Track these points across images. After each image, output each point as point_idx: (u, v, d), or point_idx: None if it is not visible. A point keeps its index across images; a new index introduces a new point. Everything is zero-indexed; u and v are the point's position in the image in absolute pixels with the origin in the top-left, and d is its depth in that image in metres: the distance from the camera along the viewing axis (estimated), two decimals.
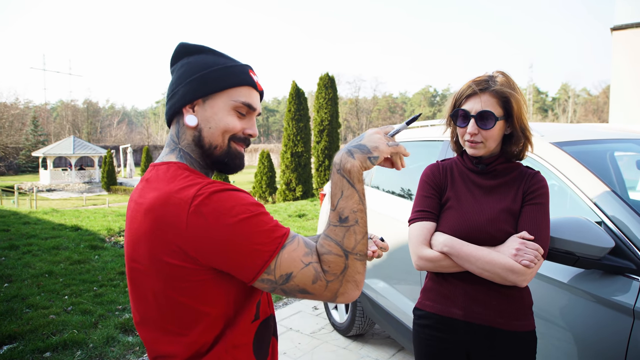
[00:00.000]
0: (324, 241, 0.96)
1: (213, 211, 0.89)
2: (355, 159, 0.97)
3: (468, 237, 1.47)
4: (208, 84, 1.03)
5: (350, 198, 0.96)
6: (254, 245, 0.90)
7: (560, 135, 2.16)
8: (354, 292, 0.96)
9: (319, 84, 19.85)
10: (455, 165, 1.62)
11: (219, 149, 1.05)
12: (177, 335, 0.98)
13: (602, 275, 1.63)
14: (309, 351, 3.51)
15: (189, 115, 1.03)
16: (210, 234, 0.89)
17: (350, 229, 0.95)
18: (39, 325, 3.83)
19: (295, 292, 0.94)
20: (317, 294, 0.95)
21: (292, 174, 19.75)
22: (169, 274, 0.94)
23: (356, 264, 0.96)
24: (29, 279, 5.22)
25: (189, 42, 1.09)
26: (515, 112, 1.44)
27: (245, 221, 0.90)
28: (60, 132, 54.34)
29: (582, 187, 1.81)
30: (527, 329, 1.49)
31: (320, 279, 0.94)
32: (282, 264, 0.92)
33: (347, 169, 0.96)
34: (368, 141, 0.99)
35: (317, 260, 0.95)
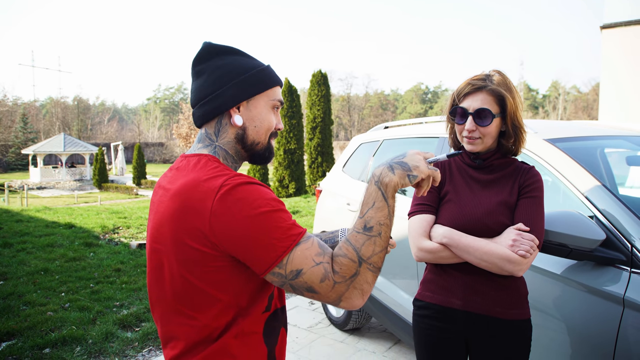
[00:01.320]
0: (343, 244, 1.00)
1: (237, 201, 0.94)
2: (395, 174, 1.01)
3: (466, 229, 1.54)
4: (253, 86, 1.10)
5: (381, 210, 1.00)
6: (270, 239, 0.94)
7: (553, 132, 2.23)
8: (358, 300, 0.98)
9: (312, 80, 19.85)
10: (454, 160, 1.68)
11: (260, 145, 1.15)
12: (189, 318, 1.03)
13: (593, 267, 1.70)
14: (306, 345, 3.57)
15: (237, 116, 1.10)
16: (232, 223, 0.94)
17: (372, 239, 0.98)
18: (37, 322, 3.84)
19: (302, 289, 0.97)
20: (323, 294, 0.97)
21: (285, 171, 19.77)
22: (189, 257, 0.98)
23: (367, 274, 0.98)
24: (24, 276, 5.22)
25: (214, 42, 1.14)
26: (509, 110, 1.51)
27: (265, 214, 0.95)
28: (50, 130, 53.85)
29: (574, 181, 1.88)
30: (523, 318, 1.56)
31: (329, 278, 0.96)
32: (294, 260, 0.95)
33: (385, 182, 1.01)
34: (410, 160, 1.04)
35: (329, 261, 0.98)
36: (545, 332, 1.82)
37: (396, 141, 3.42)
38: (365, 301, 1.00)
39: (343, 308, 1.00)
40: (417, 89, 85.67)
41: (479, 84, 1.52)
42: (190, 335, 1.03)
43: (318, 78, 19.70)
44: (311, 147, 19.70)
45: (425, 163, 1.05)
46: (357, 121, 73.43)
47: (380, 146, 3.57)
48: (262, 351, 1.08)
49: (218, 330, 1.02)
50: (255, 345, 1.07)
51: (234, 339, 1.03)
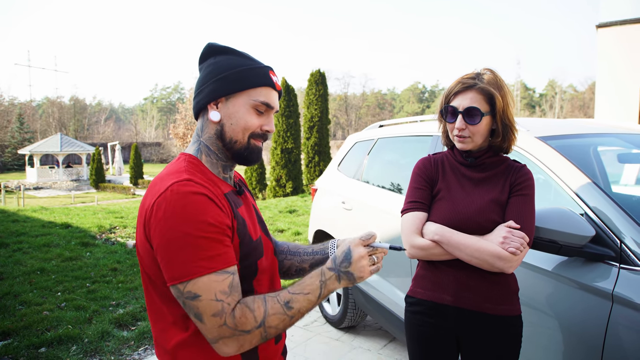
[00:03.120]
0: (258, 300, 1.03)
1: (171, 208, 0.98)
2: (340, 283, 1.10)
3: (458, 226, 1.55)
4: (231, 83, 1.12)
5: (309, 302, 1.06)
6: (184, 255, 0.97)
7: (545, 129, 2.25)
8: (232, 350, 1.00)
9: (310, 80, 19.84)
10: (446, 158, 1.70)
11: (238, 144, 1.15)
12: (151, 303, 1.11)
13: (583, 263, 1.72)
14: (302, 343, 3.58)
15: (213, 112, 1.13)
16: (159, 226, 0.99)
17: (285, 316, 1.03)
18: (33, 322, 3.84)
19: (192, 312, 0.99)
20: (207, 327, 0.98)
21: (282, 170, 19.76)
22: (143, 247, 1.05)
23: (256, 337, 1.01)
24: (20, 276, 5.21)
25: (217, 43, 1.18)
26: (498, 108, 1.52)
27: (190, 236, 0.97)
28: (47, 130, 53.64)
29: (565, 179, 1.90)
30: (514, 314, 1.58)
31: (221, 317, 0.97)
32: (197, 284, 0.97)
33: (329, 288, 1.09)
34: (355, 269, 1.10)
35: (232, 304, 0.99)
36: (535, 327, 1.84)
37: (390, 140, 3.43)
38: (235, 355, 1.03)
39: (216, 349, 1.01)
40: (414, 88, 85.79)
41: (469, 82, 1.53)
42: (163, 318, 1.10)
43: (316, 77, 19.69)
44: (308, 146, 19.70)
45: (369, 269, 1.12)
46: (354, 120, 73.47)
47: (374, 145, 3.58)
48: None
49: (184, 319, 1.07)
50: None
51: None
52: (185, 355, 1.08)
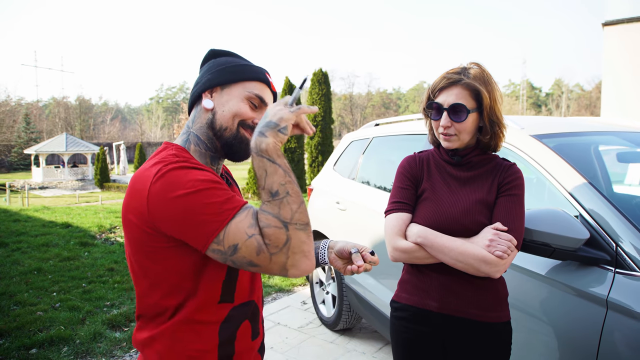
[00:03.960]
0: (261, 215, 0.98)
1: (168, 184, 0.98)
2: (268, 136, 1.00)
3: (443, 228, 1.48)
4: (228, 74, 1.16)
5: (275, 173, 0.98)
6: (203, 215, 0.95)
7: (540, 127, 2.17)
8: (304, 263, 0.97)
9: (313, 79, 19.78)
10: (432, 157, 1.62)
11: (228, 131, 1.15)
12: (140, 297, 1.10)
13: (578, 267, 1.64)
14: (296, 345, 3.52)
15: (207, 100, 1.16)
16: (165, 205, 0.97)
17: (284, 200, 0.97)
18: (26, 322, 3.81)
19: (244, 264, 0.97)
20: (264, 266, 0.96)
21: None
22: (136, 235, 1.04)
23: (299, 234, 0.96)
24: (17, 276, 5.19)
25: (218, 48, 1.24)
26: (485, 105, 1.44)
27: (195, 193, 0.96)
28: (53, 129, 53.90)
29: (560, 179, 1.82)
30: (502, 320, 1.50)
31: (263, 251, 0.95)
32: (230, 234, 0.95)
33: (263, 148, 0.99)
34: (272, 116, 1.03)
35: (258, 231, 0.97)
36: (529, 333, 1.77)
37: (386, 138, 3.36)
38: (313, 263, 0.99)
39: (294, 276, 0.98)
40: (420, 87, 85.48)
41: (454, 77, 1.45)
42: (143, 310, 1.10)
43: (319, 77, 19.63)
44: (312, 146, 19.66)
45: (287, 110, 1.03)
46: (359, 120, 73.28)
47: (370, 144, 3.51)
48: (211, 341, 1.09)
49: (169, 311, 1.07)
50: (206, 334, 1.08)
51: (183, 324, 1.07)
52: (160, 347, 1.07)
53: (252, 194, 21.12)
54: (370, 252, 1.24)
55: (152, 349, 1.08)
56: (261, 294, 1.28)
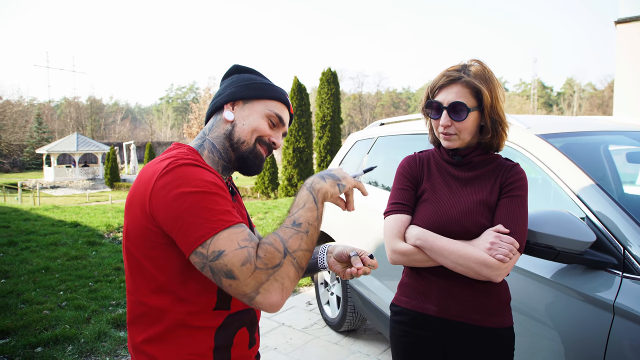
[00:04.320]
0: (270, 236, 1.00)
1: (175, 179, 0.98)
2: (326, 182, 1.07)
3: (443, 230, 1.44)
4: (252, 90, 1.21)
5: (310, 211, 1.02)
6: (198, 218, 0.94)
7: (546, 127, 2.12)
8: (277, 294, 0.95)
9: (322, 79, 19.78)
10: (433, 157, 1.58)
11: (245, 145, 1.18)
12: (130, 294, 1.10)
13: (584, 271, 1.59)
14: (300, 346, 3.50)
15: (228, 111, 1.19)
16: (166, 198, 0.96)
17: (300, 234, 0.99)
18: (32, 321, 3.83)
19: (221, 274, 0.94)
20: (241, 279, 0.93)
21: (294, 170, 19.72)
22: (136, 229, 1.03)
23: (290, 268, 0.97)
24: (25, 274, 5.22)
25: (242, 65, 1.28)
26: (486, 103, 1.40)
27: (198, 194, 0.96)
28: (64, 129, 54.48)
29: (566, 180, 1.77)
30: (504, 325, 1.46)
31: (251, 262, 0.93)
32: (219, 241, 0.94)
33: (317, 188, 1.05)
34: (337, 172, 1.11)
35: (255, 247, 0.97)
36: (532, 337, 1.72)
37: (390, 138, 3.32)
38: (284, 300, 0.96)
39: (259, 306, 0.95)
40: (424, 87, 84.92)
41: (454, 75, 1.41)
42: (132, 309, 1.09)
43: (328, 76, 19.60)
44: (320, 145, 19.62)
45: (350, 176, 1.13)
46: (368, 120, 73.09)
47: (374, 143, 3.48)
48: (206, 346, 1.08)
49: (157, 312, 1.05)
50: (201, 338, 1.07)
51: (178, 328, 1.05)
52: (155, 351, 1.06)
53: (261, 193, 21.17)
54: (370, 255, 1.23)
55: (146, 353, 1.07)
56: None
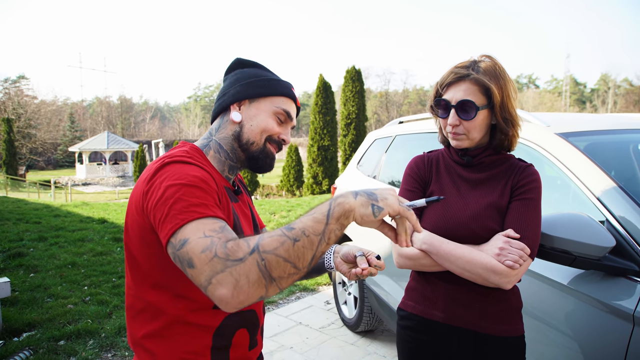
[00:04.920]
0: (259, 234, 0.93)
1: (163, 173, 0.98)
2: (356, 199, 0.89)
3: (450, 234, 1.38)
4: (257, 88, 1.17)
5: (315, 222, 0.86)
6: (172, 210, 0.91)
7: (568, 125, 2.02)
8: (226, 290, 0.82)
9: (346, 77, 19.71)
10: (442, 157, 1.52)
11: (255, 145, 1.16)
12: (127, 288, 1.11)
13: (603, 277, 1.51)
14: (316, 346, 3.48)
15: (235, 112, 1.16)
16: (155, 191, 0.96)
17: (284, 238, 0.85)
18: (57, 315, 3.93)
19: (185, 263, 0.87)
20: (197, 267, 0.84)
21: (319, 168, 19.74)
22: (135, 229, 1.03)
23: (253, 268, 0.83)
24: (53, 269, 5.38)
25: (245, 58, 1.24)
26: (496, 101, 1.33)
27: (176, 186, 0.94)
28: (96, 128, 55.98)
29: (585, 181, 1.69)
30: (514, 334, 1.39)
31: (211, 250, 0.84)
32: (186, 230, 0.89)
33: (339, 202, 0.89)
34: (380, 192, 0.93)
35: (224, 240, 0.87)
36: (547, 345, 1.64)
37: (409, 136, 3.25)
38: (235, 300, 0.82)
39: (210, 295, 0.84)
40: None
41: (462, 72, 1.35)
42: (132, 304, 1.09)
43: (352, 74, 19.52)
44: (345, 143, 19.56)
45: (397, 200, 0.92)
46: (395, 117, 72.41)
47: (392, 142, 3.42)
48: (204, 345, 1.07)
49: (155, 307, 1.04)
50: (199, 337, 1.06)
51: (176, 324, 1.05)
52: (154, 347, 1.05)
53: (286, 191, 21.26)
54: (377, 256, 1.19)
55: (146, 348, 1.06)
56: (262, 306, 1.25)
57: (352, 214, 0.88)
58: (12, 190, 23.15)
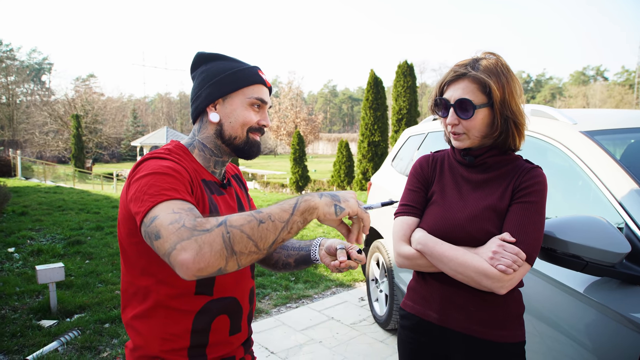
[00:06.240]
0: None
1: (140, 167, 1.06)
2: (321, 200, 0.99)
3: (448, 235, 1.35)
4: (226, 85, 1.19)
5: (282, 211, 0.95)
6: (145, 194, 0.98)
7: (597, 122, 1.90)
8: (188, 254, 0.85)
9: (398, 72, 19.41)
10: (447, 157, 1.49)
11: (238, 139, 1.21)
12: (122, 274, 1.18)
13: (619, 285, 1.42)
14: (345, 341, 3.49)
15: (212, 113, 1.20)
16: (133, 183, 1.03)
17: (251, 217, 0.91)
18: (105, 299, 4.20)
19: (152, 237, 0.91)
20: (164, 237, 0.88)
21: (369, 164, 19.61)
22: (122, 221, 1.10)
23: (217, 238, 0.87)
24: (106, 257, 5.73)
25: (205, 51, 1.26)
26: (495, 99, 1.28)
27: (150, 175, 1.01)
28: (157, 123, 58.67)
29: (607, 182, 1.59)
30: (512, 341, 1.33)
31: (179, 222, 0.89)
32: (155, 209, 0.94)
33: (305, 199, 0.98)
34: (343, 194, 1.03)
35: (192, 217, 0.91)
36: (557, 353, 1.57)
37: (441, 133, 3.18)
38: (195, 266, 0.85)
39: (172, 265, 0.88)
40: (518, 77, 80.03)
41: (461, 70, 1.30)
42: (125, 289, 1.16)
43: (404, 69, 19.18)
44: (396, 139, 19.28)
45: (356, 202, 1.03)
46: None
47: (425, 139, 3.36)
48: (185, 328, 1.13)
49: (142, 292, 1.12)
50: (180, 321, 1.12)
51: (159, 308, 1.11)
52: (140, 326, 1.13)
53: (337, 186, 21.30)
54: (358, 250, 1.20)
55: (134, 328, 1.14)
56: (248, 293, 1.28)
57: (317, 211, 0.98)
58: (79, 182, 24.80)
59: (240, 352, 1.26)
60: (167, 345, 1.12)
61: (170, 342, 1.12)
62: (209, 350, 1.17)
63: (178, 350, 1.13)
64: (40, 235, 6.96)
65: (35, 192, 12.47)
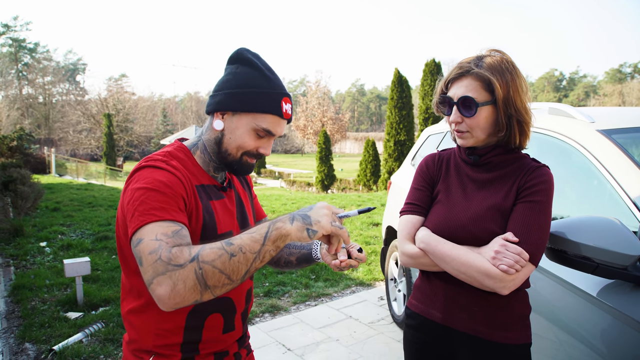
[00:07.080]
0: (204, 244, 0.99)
1: (135, 176, 1.07)
2: (293, 225, 0.98)
3: (451, 235, 1.33)
4: (240, 103, 1.16)
5: (253, 241, 0.96)
6: (136, 211, 1.00)
7: (615, 121, 1.84)
8: (164, 290, 0.90)
9: (425, 70, 19.18)
10: (454, 156, 1.47)
11: (231, 157, 1.20)
12: (123, 273, 1.20)
13: (632, 289, 1.38)
14: (362, 340, 3.49)
15: (217, 121, 1.18)
16: (128, 191, 1.06)
17: (222, 252, 0.94)
18: None
19: (137, 259, 0.96)
20: (144, 267, 0.94)
21: (395, 163, 19.46)
22: (119, 221, 1.13)
23: (190, 275, 0.91)
24: None
25: (246, 52, 1.20)
26: (498, 96, 1.25)
27: (144, 190, 1.02)
28: (186, 122, 59.67)
29: (622, 182, 1.54)
30: (517, 342, 1.31)
31: (157, 253, 0.93)
32: (142, 231, 0.97)
33: (277, 226, 0.98)
34: (314, 214, 1.01)
35: (171, 245, 0.95)
36: (564, 356, 1.53)
37: None
38: (171, 301, 0.90)
39: (151, 292, 0.93)
40: (550, 75, 78.06)
41: (465, 67, 1.29)
42: (124, 285, 1.20)
43: (431, 67, 18.95)
44: None
45: (329, 219, 1.01)
46: None
47: (443, 138, 3.32)
48: (178, 324, 1.15)
49: (138, 288, 1.14)
50: (173, 317, 1.14)
51: (154, 304, 1.11)
52: (135, 321, 1.16)
53: (363, 185, 21.24)
54: (358, 249, 1.20)
55: (130, 322, 1.18)
56: (244, 294, 1.29)
57: (289, 237, 0.98)
58: (109, 179, 25.49)
59: (235, 346, 1.28)
60: (160, 341, 1.14)
61: (163, 338, 1.15)
62: (201, 346, 1.19)
63: (171, 346, 1.15)
64: (70, 231, 7.21)
65: (67, 189, 12.91)
